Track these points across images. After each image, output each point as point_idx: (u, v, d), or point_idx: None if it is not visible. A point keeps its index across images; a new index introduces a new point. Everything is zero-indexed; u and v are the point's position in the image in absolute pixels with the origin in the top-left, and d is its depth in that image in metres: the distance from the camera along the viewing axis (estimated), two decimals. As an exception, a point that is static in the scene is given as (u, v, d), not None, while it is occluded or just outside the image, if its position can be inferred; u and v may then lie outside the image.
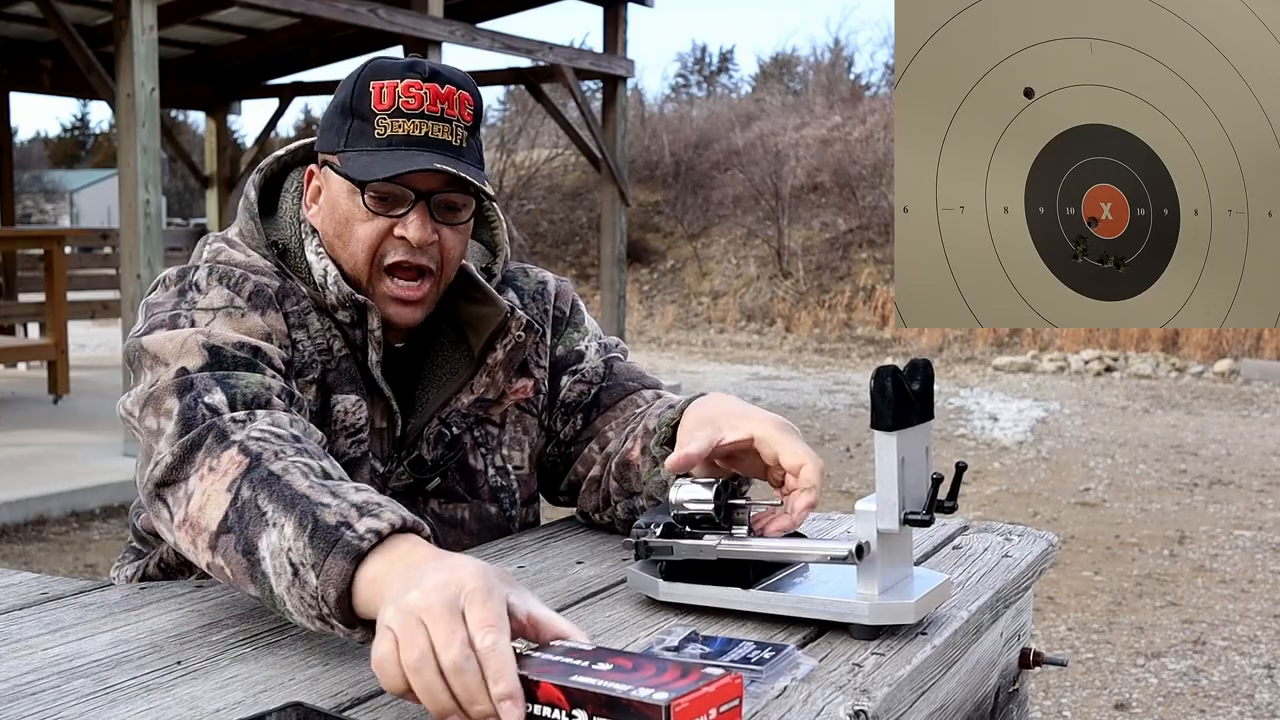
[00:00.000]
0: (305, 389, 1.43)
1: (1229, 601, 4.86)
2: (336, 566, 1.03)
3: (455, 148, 1.44)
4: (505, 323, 1.53)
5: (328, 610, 1.05)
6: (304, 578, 1.06)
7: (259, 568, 1.10)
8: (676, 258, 18.82)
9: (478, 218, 1.67)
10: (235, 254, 1.48)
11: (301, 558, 1.06)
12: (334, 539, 1.05)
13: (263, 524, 1.10)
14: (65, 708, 1.00)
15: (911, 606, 1.14)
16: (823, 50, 34.51)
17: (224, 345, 1.30)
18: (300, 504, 1.09)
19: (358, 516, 1.06)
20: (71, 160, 48.81)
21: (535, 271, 1.70)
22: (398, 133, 1.42)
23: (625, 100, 10.96)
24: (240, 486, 1.14)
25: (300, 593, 1.06)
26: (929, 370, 1.16)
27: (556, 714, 0.90)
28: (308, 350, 1.44)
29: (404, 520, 1.06)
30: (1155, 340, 13.95)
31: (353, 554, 1.03)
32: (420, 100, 1.42)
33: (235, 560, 1.13)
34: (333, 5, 7.86)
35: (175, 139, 12.72)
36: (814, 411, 10.10)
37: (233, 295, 1.39)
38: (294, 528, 1.08)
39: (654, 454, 1.45)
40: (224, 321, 1.35)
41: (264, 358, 1.32)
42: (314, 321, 1.46)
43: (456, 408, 1.55)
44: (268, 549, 1.09)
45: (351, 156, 1.43)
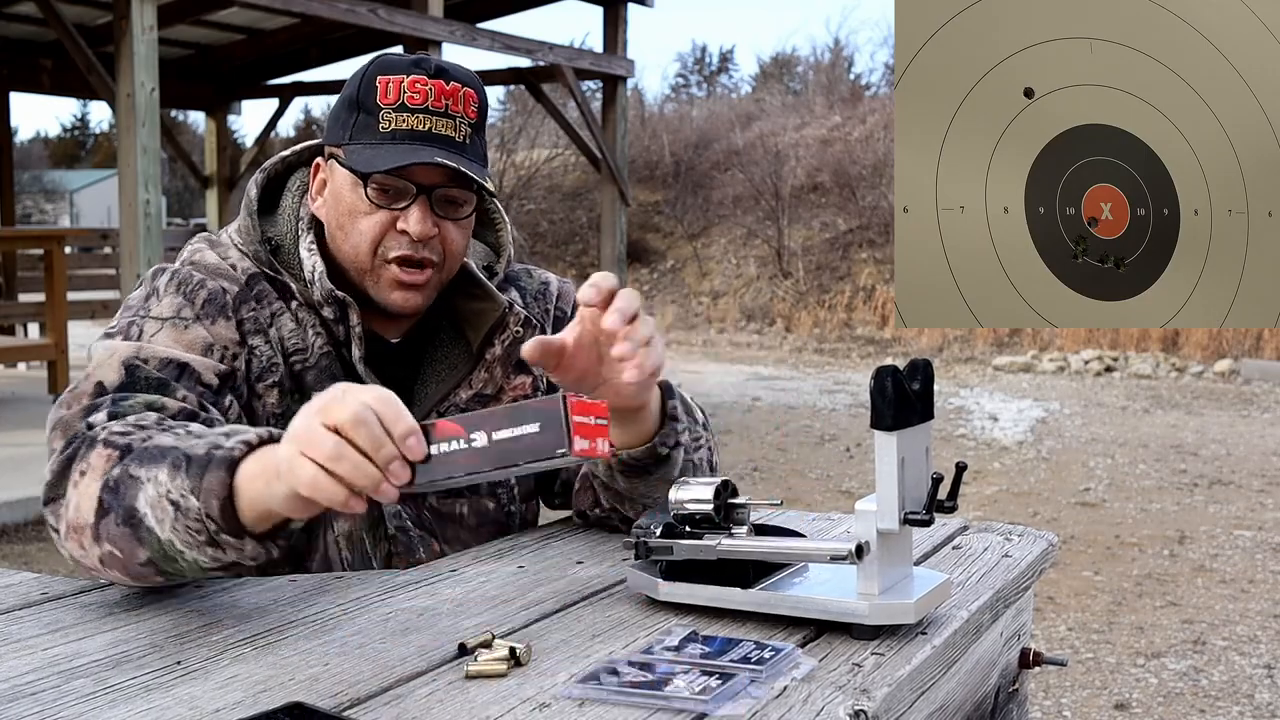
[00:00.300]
0: (267, 392, 1.45)
1: (1229, 601, 4.86)
2: (214, 478, 1.12)
3: (458, 144, 1.45)
4: (503, 318, 1.55)
5: (214, 525, 1.12)
6: (185, 506, 1.13)
7: (143, 526, 1.16)
8: (676, 258, 18.82)
9: (482, 218, 1.68)
10: (209, 256, 1.50)
11: (181, 490, 1.13)
12: (206, 461, 1.13)
13: (137, 486, 1.17)
14: (65, 708, 1.00)
15: (911, 606, 1.14)
16: (823, 50, 34.54)
17: (146, 363, 1.35)
18: (170, 454, 1.16)
19: (226, 439, 1.15)
20: (71, 160, 48.83)
21: (539, 272, 1.72)
22: (401, 127, 1.43)
23: (625, 100, 10.96)
24: (111, 472, 1.20)
25: (185, 523, 1.13)
26: (929, 370, 1.16)
27: (455, 444, 1.04)
28: (266, 355, 1.46)
29: (270, 434, 1.15)
30: (1155, 340, 13.95)
31: (226, 462, 1.12)
32: (425, 96, 1.44)
33: (119, 534, 1.18)
34: (333, 5, 7.86)
35: (175, 139, 12.73)
36: (814, 411, 10.10)
37: (184, 304, 1.43)
38: (168, 471, 1.15)
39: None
40: (168, 333, 1.40)
41: (188, 375, 1.37)
42: (288, 322, 1.48)
43: (455, 403, 1.56)
44: (147, 503, 1.16)
45: (355, 149, 1.45)
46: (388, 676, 1.06)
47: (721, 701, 0.97)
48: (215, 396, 1.38)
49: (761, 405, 10.48)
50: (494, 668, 1.06)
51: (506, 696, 1.01)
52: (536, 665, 1.08)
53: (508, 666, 1.06)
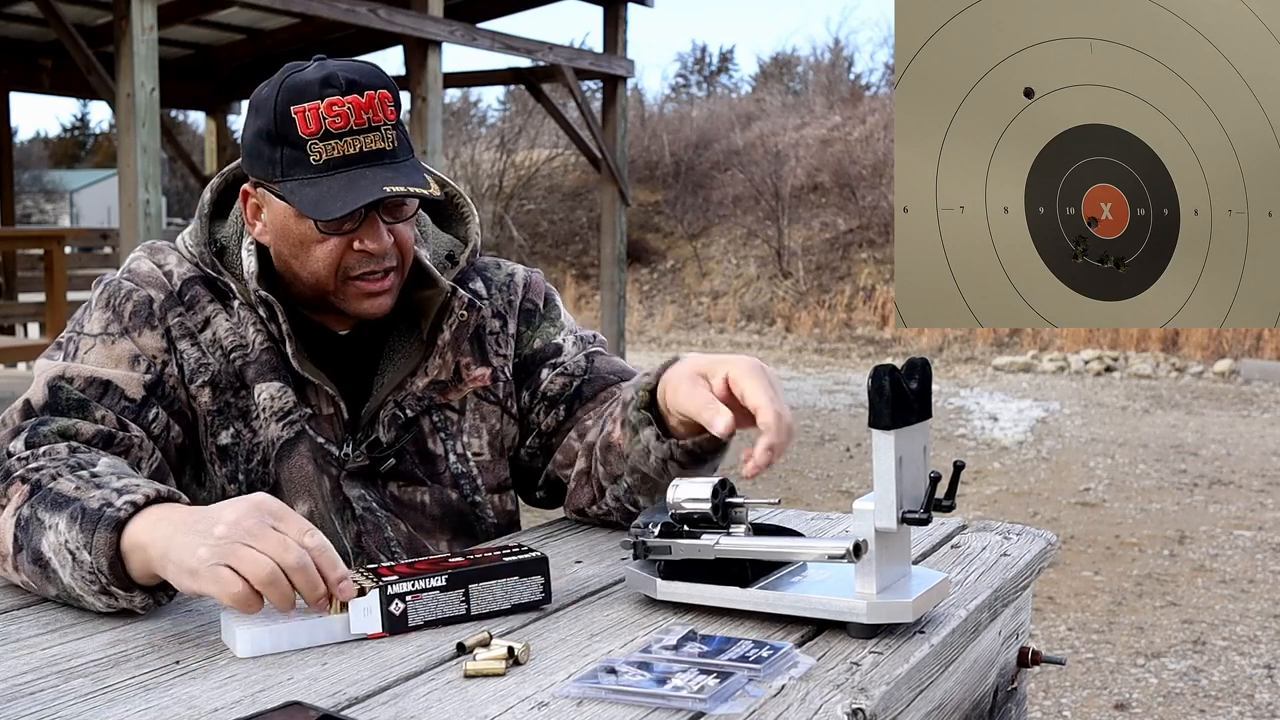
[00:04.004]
0: (199, 392, 1.51)
1: (1229, 601, 4.86)
2: (103, 538, 1.19)
3: (390, 153, 1.46)
4: (448, 303, 1.57)
5: (105, 579, 1.20)
6: (79, 559, 1.21)
7: (49, 568, 1.25)
8: (676, 258, 18.82)
9: (452, 212, 1.71)
10: (144, 265, 1.56)
11: (76, 544, 1.21)
12: (97, 518, 1.20)
13: (42, 530, 1.25)
14: (64, 707, 1.00)
15: (909, 605, 1.14)
16: (823, 50, 34.49)
17: (71, 382, 1.43)
18: (70, 505, 1.24)
19: (117, 497, 1.22)
20: (71, 160, 48.80)
21: (507, 264, 1.74)
22: (334, 155, 1.44)
23: (625, 100, 10.96)
24: (22, 509, 1.28)
25: (80, 573, 1.21)
26: (927, 369, 1.16)
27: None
28: (194, 357, 1.51)
29: (158, 492, 1.23)
30: (1155, 340, 13.95)
31: (113, 523, 1.19)
32: (346, 118, 1.43)
33: (31, 570, 1.27)
34: (333, 5, 7.86)
35: (175, 139, 12.73)
36: (814, 411, 10.10)
37: (111, 319, 1.50)
38: (66, 522, 1.23)
39: (632, 420, 1.46)
40: (98, 350, 1.48)
41: (111, 392, 1.44)
42: (223, 322, 1.52)
43: (411, 391, 1.58)
44: (50, 548, 1.24)
45: (293, 187, 1.45)
46: (386, 675, 1.06)
47: (719, 700, 0.97)
48: (140, 409, 1.45)
49: (761, 405, 10.46)
50: (492, 667, 1.06)
51: (505, 695, 1.01)
52: (535, 664, 1.08)
53: (506, 665, 1.06)
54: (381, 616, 1.16)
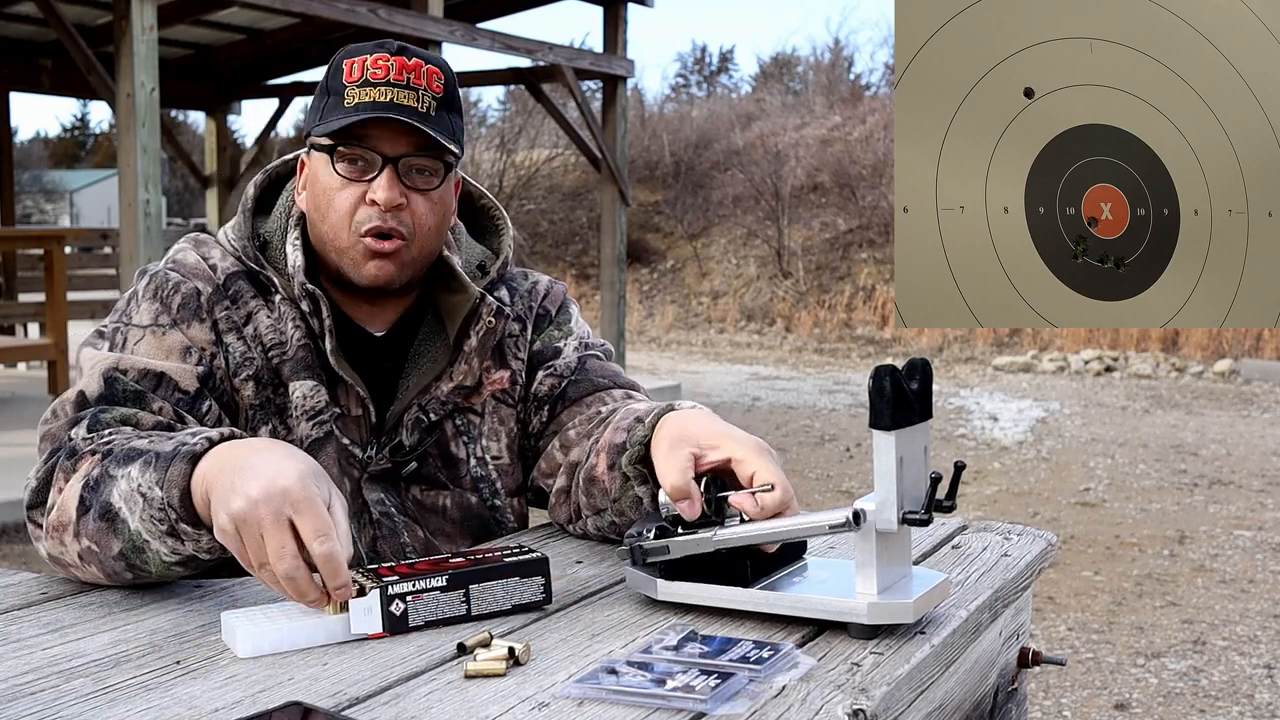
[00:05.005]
0: (243, 386, 1.51)
1: (1229, 601, 4.86)
2: (176, 470, 1.20)
3: (421, 113, 1.48)
4: (476, 308, 1.57)
5: (174, 514, 1.20)
6: (150, 497, 1.21)
7: (117, 518, 1.24)
8: (676, 258, 18.82)
9: (485, 224, 1.70)
10: (189, 256, 1.55)
11: (149, 485, 1.21)
12: (172, 455, 1.21)
13: (112, 483, 1.25)
14: (64, 707, 1.00)
15: (910, 606, 1.14)
16: (823, 50, 34.50)
17: (125, 374, 1.43)
18: (144, 454, 1.25)
19: (192, 437, 1.24)
20: (71, 160, 48.80)
21: (534, 275, 1.75)
22: (364, 100, 1.47)
23: (625, 100, 10.96)
24: (92, 472, 1.28)
25: (150, 513, 1.21)
26: (927, 369, 1.16)
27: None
28: (240, 351, 1.51)
29: (234, 432, 1.25)
30: (1155, 340, 13.95)
31: (188, 456, 1.20)
32: (386, 70, 1.47)
33: (96, 529, 1.26)
34: (333, 5, 7.86)
35: (175, 139, 12.72)
36: (814, 411, 10.10)
37: (160, 310, 1.50)
38: (139, 468, 1.23)
39: (626, 472, 1.42)
40: (149, 341, 1.47)
41: (165, 384, 1.44)
42: (265, 318, 1.52)
43: (436, 395, 1.58)
44: (120, 497, 1.24)
45: (323, 128, 1.50)
46: (387, 676, 1.06)
47: (720, 701, 0.97)
48: (194, 401, 1.45)
49: (761, 405, 10.49)
50: (493, 667, 1.06)
51: (505, 696, 1.01)
52: (535, 665, 1.08)
53: (506, 666, 1.06)
54: (382, 617, 1.16)
